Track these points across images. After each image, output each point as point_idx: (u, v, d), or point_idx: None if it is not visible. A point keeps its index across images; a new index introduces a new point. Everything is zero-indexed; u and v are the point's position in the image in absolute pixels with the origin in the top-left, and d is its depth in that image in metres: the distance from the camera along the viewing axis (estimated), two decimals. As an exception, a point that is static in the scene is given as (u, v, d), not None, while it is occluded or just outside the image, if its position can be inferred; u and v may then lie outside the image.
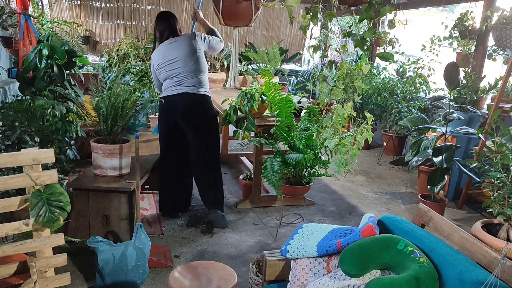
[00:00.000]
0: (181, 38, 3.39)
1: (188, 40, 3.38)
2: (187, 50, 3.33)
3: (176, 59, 3.32)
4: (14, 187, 2.00)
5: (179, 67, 3.32)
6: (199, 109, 3.38)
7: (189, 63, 3.32)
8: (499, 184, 2.43)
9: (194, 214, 3.74)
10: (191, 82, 3.35)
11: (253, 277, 2.14)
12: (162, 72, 3.38)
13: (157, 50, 3.42)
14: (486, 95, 4.56)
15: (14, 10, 3.77)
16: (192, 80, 3.35)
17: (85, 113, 2.89)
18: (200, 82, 3.40)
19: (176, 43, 3.36)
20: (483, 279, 1.38)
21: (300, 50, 7.63)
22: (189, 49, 3.34)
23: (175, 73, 3.34)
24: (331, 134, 3.06)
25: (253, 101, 3.50)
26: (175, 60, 3.32)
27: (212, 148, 3.47)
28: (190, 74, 3.34)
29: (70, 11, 6.70)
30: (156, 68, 3.41)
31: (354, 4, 3.00)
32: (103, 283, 2.46)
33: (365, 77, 3.48)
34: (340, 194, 4.47)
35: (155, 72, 3.46)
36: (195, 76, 3.36)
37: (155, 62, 3.42)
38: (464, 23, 4.55)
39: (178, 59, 3.32)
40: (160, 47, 3.41)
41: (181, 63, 3.31)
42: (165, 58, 3.35)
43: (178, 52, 3.33)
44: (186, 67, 3.32)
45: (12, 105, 2.94)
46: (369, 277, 1.60)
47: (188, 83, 3.34)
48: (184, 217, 3.65)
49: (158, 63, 3.39)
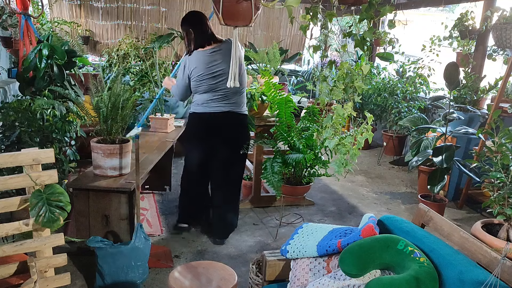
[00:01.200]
0: (224, 45, 2.95)
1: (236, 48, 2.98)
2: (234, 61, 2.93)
3: (222, 72, 2.90)
4: (14, 187, 2.00)
5: (222, 81, 2.90)
6: (243, 130, 3.16)
7: (238, 77, 2.93)
8: (499, 184, 2.43)
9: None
10: (235, 99, 3.00)
11: (253, 277, 2.14)
12: (203, 85, 2.95)
13: (196, 57, 2.94)
14: (486, 95, 4.56)
15: (14, 10, 3.77)
16: (236, 97, 3.01)
17: (85, 113, 2.89)
18: (243, 100, 3.09)
19: (222, 53, 2.91)
20: (483, 279, 1.38)
21: (300, 50, 7.64)
22: (236, 60, 2.91)
23: (220, 87, 2.92)
24: (331, 134, 3.06)
25: (253, 101, 3.50)
26: (221, 72, 2.91)
27: (241, 171, 3.33)
28: (235, 90, 2.95)
29: (70, 11, 6.70)
30: (195, 78, 2.96)
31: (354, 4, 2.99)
32: (103, 283, 2.46)
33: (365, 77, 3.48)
34: (340, 194, 4.47)
35: (187, 80, 3.01)
36: (239, 94, 3.04)
37: (193, 72, 2.95)
38: (464, 23, 4.55)
39: (225, 72, 2.88)
40: (199, 54, 2.94)
41: (226, 76, 2.80)
42: (209, 70, 2.91)
43: (224, 63, 2.90)
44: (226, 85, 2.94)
45: (12, 105, 2.94)
46: (369, 277, 1.60)
47: (233, 100, 2.99)
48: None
49: (198, 74, 2.94)
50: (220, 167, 3.18)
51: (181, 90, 3.07)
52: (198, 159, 3.19)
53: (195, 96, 3.08)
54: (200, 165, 3.21)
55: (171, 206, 3.87)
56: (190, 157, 3.27)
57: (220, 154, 3.12)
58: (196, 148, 3.18)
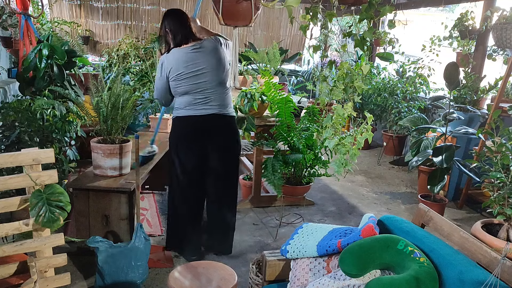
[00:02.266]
0: (206, 43, 2.74)
1: (214, 45, 2.76)
2: (216, 60, 2.73)
3: (203, 71, 2.70)
4: (14, 187, 2.00)
5: (206, 81, 2.71)
6: (232, 132, 2.89)
7: (219, 77, 2.74)
8: (499, 184, 2.43)
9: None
10: (220, 100, 2.78)
11: (253, 277, 2.14)
12: (183, 85, 2.72)
13: (173, 56, 2.73)
14: (486, 95, 4.56)
15: (14, 10, 3.77)
16: (221, 98, 2.78)
17: (85, 113, 2.89)
18: (228, 100, 2.86)
19: (202, 51, 2.72)
20: (483, 279, 1.38)
21: (300, 50, 7.64)
22: (217, 58, 2.74)
23: (202, 87, 2.71)
24: (331, 134, 3.07)
25: (253, 101, 3.50)
26: (202, 71, 2.70)
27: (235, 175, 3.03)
28: (219, 90, 2.76)
29: (70, 11, 6.71)
30: (173, 78, 2.73)
31: (354, 4, 3.00)
32: (103, 283, 2.46)
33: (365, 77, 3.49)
34: (340, 194, 4.47)
35: (166, 81, 2.77)
36: (223, 94, 2.80)
37: (171, 71, 2.73)
38: (464, 23, 4.55)
39: (206, 71, 2.71)
40: (177, 53, 2.72)
41: (209, 76, 2.71)
42: (188, 68, 2.69)
43: (206, 62, 2.71)
44: (214, 82, 2.73)
45: (12, 105, 2.94)
46: (369, 277, 1.60)
47: (217, 101, 2.76)
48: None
49: (177, 73, 2.71)
50: (213, 176, 2.90)
51: (161, 92, 2.82)
52: (190, 169, 2.84)
53: (176, 99, 2.82)
54: (193, 176, 2.86)
55: (171, 206, 3.86)
56: (180, 169, 2.85)
57: (211, 161, 2.85)
58: (186, 156, 2.83)
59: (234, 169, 2.99)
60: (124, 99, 2.84)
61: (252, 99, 3.50)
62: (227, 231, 3.06)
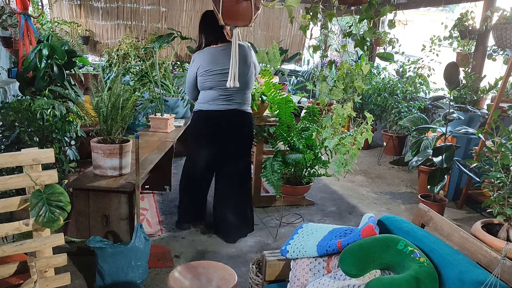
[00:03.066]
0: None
1: (243, 49, 3.00)
2: (243, 62, 2.96)
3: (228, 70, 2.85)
4: (14, 187, 2.00)
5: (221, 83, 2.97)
6: (247, 128, 3.19)
7: (243, 77, 2.95)
8: (499, 184, 2.43)
9: (194, 214, 3.74)
10: (240, 98, 3.06)
11: (253, 277, 2.14)
12: (209, 80, 2.99)
13: (204, 54, 3.01)
14: (486, 95, 4.56)
15: (14, 10, 3.77)
16: (242, 96, 3.07)
17: (85, 113, 2.89)
18: (248, 99, 3.15)
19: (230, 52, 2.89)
20: (483, 279, 1.38)
21: (300, 50, 7.64)
22: (244, 61, 2.98)
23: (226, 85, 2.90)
24: (331, 134, 3.06)
25: (253, 101, 3.50)
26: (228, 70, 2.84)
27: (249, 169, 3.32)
28: (242, 90, 3.03)
29: (70, 11, 6.71)
30: (202, 73, 3.01)
31: (354, 4, 3.00)
32: (103, 283, 2.46)
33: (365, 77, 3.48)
34: (340, 194, 4.47)
35: (195, 76, 3.06)
36: (245, 93, 3.09)
37: (200, 66, 3.00)
38: (464, 23, 4.55)
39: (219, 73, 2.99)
40: (208, 51, 3.01)
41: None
42: (217, 65, 2.96)
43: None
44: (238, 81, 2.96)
45: (12, 105, 2.94)
46: (369, 277, 1.60)
47: (238, 99, 3.05)
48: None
49: (206, 69, 2.98)
50: (228, 167, 3.22)
51: (189, 87, 3.15)
52: (204, 157, 3.20)
53: (200, 93, 3.11)
54: (206, 163, 3.23)
55: (171, 206, 3.87)
56: (195, 156, 3.27)
57: (226, 152, 3.16)
58: (202, 146, 3.19)
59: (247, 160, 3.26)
60: (124, 99, 2.84)
61: (252, 99, 3.50)
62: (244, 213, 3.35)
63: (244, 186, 3.34)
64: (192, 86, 3.13)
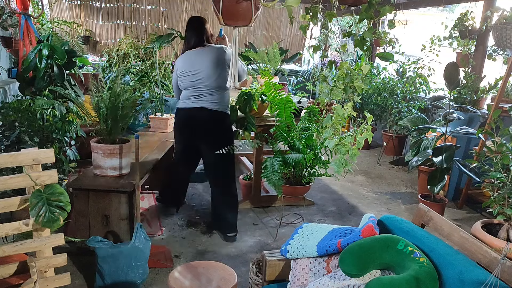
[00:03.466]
0: (208, 48, 3.20)
1: (215, 52, 3.18)
2: (212, 63, 3.14)
3: (198, 70, 3.15)
4: (14, 187, 2.00)
5: (200, 79, 3.16)
6: (217, 127, 3.28)
7: (211, 77, 3.15)
8: (499, 184, 2.43)
9: (194, 214, 3.74)
10: (210, 97, 3.20)
11: (253, 277, 2.14)
12: (184, 81, 3.23)
13: (182, 57, 3.26)
14: (486, 95, 4.56)
15: (14, 10, 3.77)
16: (212, 96, 3.20)
17: (85, 113, 2.89)
18: (220, 99, 3.25)
19: (202, 53, 3.18)
20: (483, 279, 1.38)
21: (300, 50, 7.64)
22: (214, 62, 3.15)
23: (196, 85, 3.18)
24: (331, 134, 3.06)
25: (253, 101, 3.50)
26: (198, 71, 3.16)
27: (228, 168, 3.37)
28: (212, 90, 3.18)
29: (70, 11, 6.71)
30: (179, 75, 3.26)
31: (354, 4, 3.00)
32: (103, 283, 2.46)
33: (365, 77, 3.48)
34: (340, 194, 4.47)
35: (176, 78, 3.32)
36: (215, 93, 3.21)
37: (178, 69, 3.26)
38: (464, 23, 4.55)
39: (201, 71, 3.15)
40: (185, 54, 3.24)
41: (202, 75, 3.15)
42: (189, 67, 3.19)
43: (202, 64, 3.15)
44: (207, 81, 3.15)
45: (12, 105, 2.94)
46: (369, 277, 1.60)
47: (208, 98, 3.20)
48: (184, 217, 3.66)
49: (181, 71, 3.23)
50: (206, 162, 3.42)
51: (175, 88, 3.43)
52: (180, 150, 3.50)
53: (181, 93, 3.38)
54: (182, 156, 3.50)
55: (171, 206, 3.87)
56: (176, 148, 3.59)
57: (202, 148, 3.37)
58: (178, 139, 3.50)
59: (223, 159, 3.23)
60: (124, 99, 2.84)
61: (252, 99, 3.50)
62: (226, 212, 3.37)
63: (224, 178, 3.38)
64: (176, 87, 3.40)
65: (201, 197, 4.13)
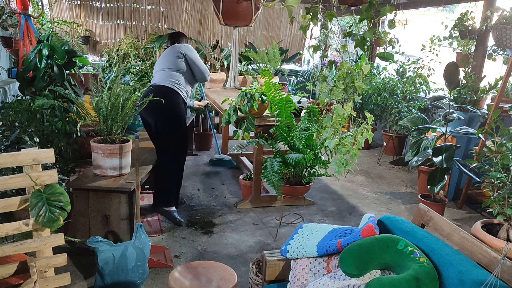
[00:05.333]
0: (168, 49, 3.69)
1: (173, 49, 3.61)
2: (167, 59, 3.60)
3: (157, 66, 3.70)
4: (14, 187, 2.00)
5: (155, 67, 3.70)
6: (164, 99, 3.33)
7: (162, 63, 3.61)
8: (499, 184, 2.43)
9: (194, 214, 3.74)
10: (160, 75, 3.55)
11: (253, 277, 2.14)
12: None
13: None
14: (486, 95, 4.56)
15: (14, 10, 3.77)
16: (162, 74, 3.54)
17: (85, 113, 2.89)
18: (170, 76, 3.53)
19: (164, 52, 3.73)
20: (483, 279, 1.38)
21: (300, 50, 7.63)
22: (169, 59, 3.59)
23: (154, 70, 3.71)
24: (331, 134, 3.06)
25: (253, 101, 3.50)
26: (157, 67, 3.69)
27: (169, 144, 3.51)
28: (161, 70, 3.57)
29: (70, 11, 6.70)
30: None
31: (354, 4, 3.00)
32: (103, 283, 2.46)
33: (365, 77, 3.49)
34: (340, 194, 4.47)
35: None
36: (165, 71, 3.55)
37: None
38: (464, 23, 4.55)
39: (158, 63, 3.70)
40: None
41: (157, 65, 3.68)
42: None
43: (160, 60, 3.69)
44: (160, 66, 3.62)
45: (12, 105, 2.94)
46: (369, 277, 1.60)
47: (158, 76, 3.56)
48: (184, 217, 3.66)
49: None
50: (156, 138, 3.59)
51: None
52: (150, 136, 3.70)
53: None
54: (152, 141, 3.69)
55: (171, 206, 3.86)
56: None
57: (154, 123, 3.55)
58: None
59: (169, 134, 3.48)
60: (124, 99, 2.85)
61: (252, 99, 3.50)
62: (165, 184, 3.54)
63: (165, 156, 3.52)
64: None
65: (201, 197, 4.13)
